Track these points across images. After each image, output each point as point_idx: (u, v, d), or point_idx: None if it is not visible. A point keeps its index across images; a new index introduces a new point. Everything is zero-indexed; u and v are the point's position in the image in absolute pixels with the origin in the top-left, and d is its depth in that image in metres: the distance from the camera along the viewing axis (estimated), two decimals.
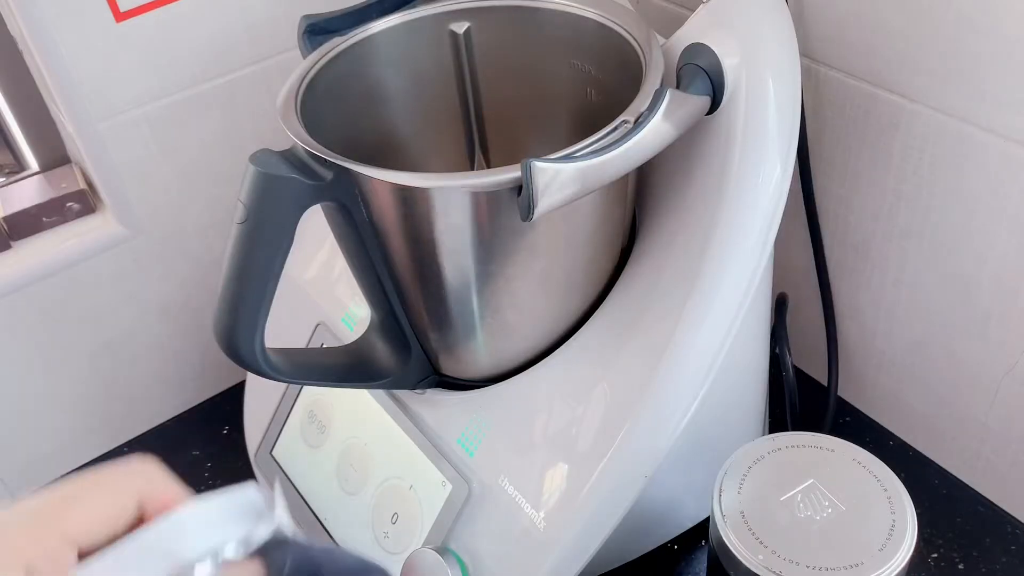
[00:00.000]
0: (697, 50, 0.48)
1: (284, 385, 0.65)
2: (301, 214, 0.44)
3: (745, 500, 0.48)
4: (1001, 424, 0.60)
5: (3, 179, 0.72)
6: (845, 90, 0.57)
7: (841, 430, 0.69)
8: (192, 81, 0.66)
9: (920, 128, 0.54)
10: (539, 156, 0.40)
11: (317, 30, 0.53)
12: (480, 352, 0.54)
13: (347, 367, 0.55)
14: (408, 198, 0.46)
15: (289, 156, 0.45)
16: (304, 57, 0.52)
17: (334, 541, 0.60)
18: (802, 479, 0.49)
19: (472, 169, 0.61)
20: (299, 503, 0.63)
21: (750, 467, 0.49)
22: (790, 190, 0.49)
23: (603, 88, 0.54)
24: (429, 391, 0.57)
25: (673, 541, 0.63)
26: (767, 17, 0.48)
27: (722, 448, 0.52)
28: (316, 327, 0.64)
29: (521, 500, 0.51)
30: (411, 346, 0.55)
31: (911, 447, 0.67)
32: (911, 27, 0.52)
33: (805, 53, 0.58)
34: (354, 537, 0.59)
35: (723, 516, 0.47)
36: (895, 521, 0.46)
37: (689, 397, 0.49)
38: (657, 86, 0.45)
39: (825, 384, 0.69)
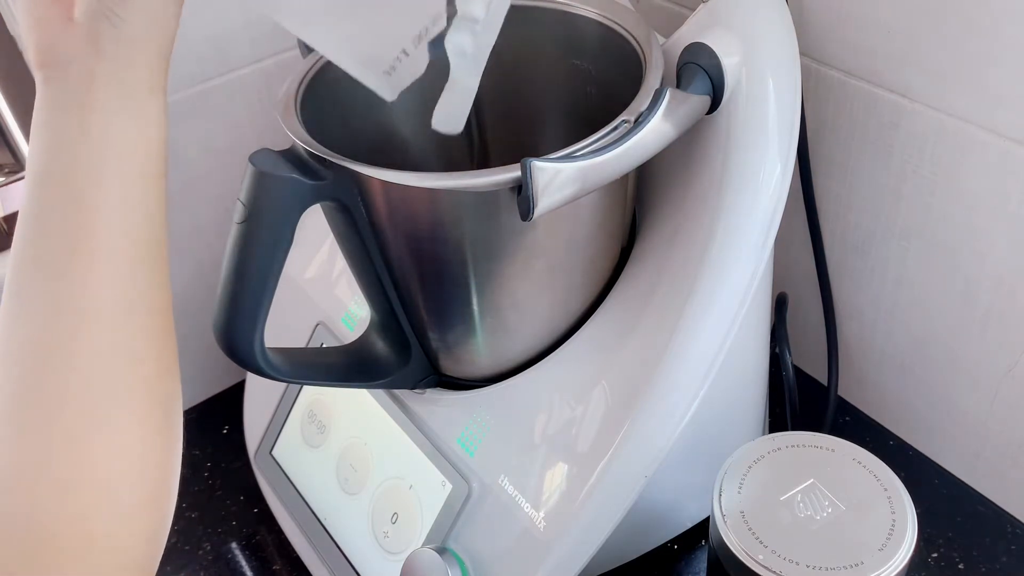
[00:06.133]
0: (697, 49, 0.48)
1: (284, 385, 0.65)
2: (301, 214, 0.44)
3: (745, 500, 0.48)
4: (1001, 424, 0.60)
5: (3, 179, 0.72)
6: (845, 90, 0.57)
7: (841, 430, 0.69)
8: (192, 81, 0.66)
9: (920, 128, 0.54)
10: (539, 156, 0.40)
11: None
12: (480, 352, 0.54)
13: (347, 367, 0.55)
14: (408, 198, 0.46)
15: (289, 156, 0.45)
16: (304, 57, 0.52)
17: (334, 541, 0.60)
18: (802, 479, 0.49)
19: (472, 169, 0.61)
20: (299, 503, 0.63)
21: (750, 467, 0.49)
22: (790, 190, 0.49)
23: (603, 88, 0.54)
24: (429, 391, 0.57)
25: (673, 541, 0.63)
26: (767, 17, 0.48)
27: (722, 448, 0.52)
28: (316, 327, 0.64)
29: (521, 500, 0.51)
30: (411, 346, 0.55)
31: (911, 447, 0.67)
32: (911, 27, 0.52)
33: (805, 53, 0.58)
34: (354, 537, 0.59)
35: (723, 516, 0.47)
36: (895, 521, 0.46)
37: (689, 397, 0.49)
38: (657, 85, 0.45)
39: (825, 384, 0.69)
